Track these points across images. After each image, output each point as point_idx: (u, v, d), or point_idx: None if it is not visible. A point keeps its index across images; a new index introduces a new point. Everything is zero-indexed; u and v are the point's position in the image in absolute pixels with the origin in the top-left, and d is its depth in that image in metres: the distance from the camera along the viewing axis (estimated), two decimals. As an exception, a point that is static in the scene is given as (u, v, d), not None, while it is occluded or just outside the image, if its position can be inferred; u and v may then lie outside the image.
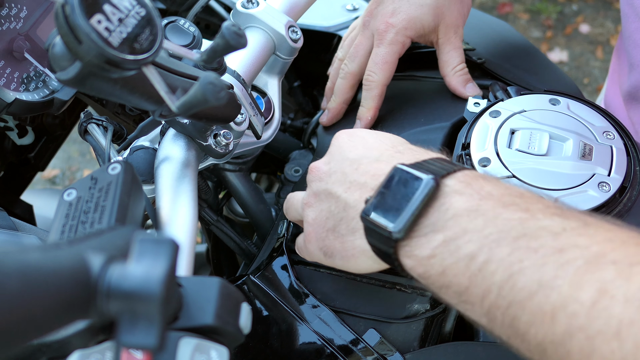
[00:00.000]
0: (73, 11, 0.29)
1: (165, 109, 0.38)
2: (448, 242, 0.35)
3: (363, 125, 0.62)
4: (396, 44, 0.59)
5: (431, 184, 0.36)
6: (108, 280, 0.25)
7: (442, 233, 0.35)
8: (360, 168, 0.42)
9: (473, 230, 0.34)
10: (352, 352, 0.49)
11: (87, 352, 0.29)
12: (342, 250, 0.42)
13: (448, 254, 0.34)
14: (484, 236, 0.33)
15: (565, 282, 0.30)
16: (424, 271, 0.36)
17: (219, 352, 0.30)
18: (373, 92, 0.60)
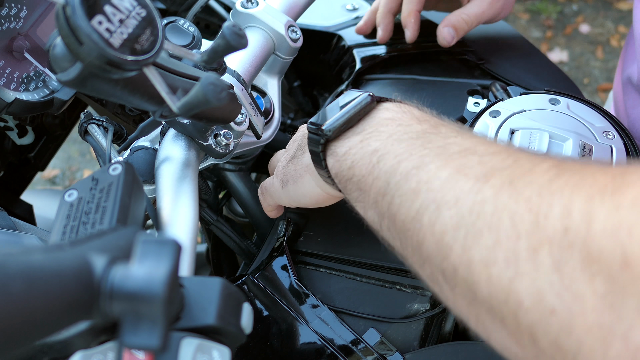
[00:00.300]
0: (74, 12, 0.29)
1: (166, 109, 0.38)
2: (362, 141, 0.39)
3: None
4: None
5: (365, 97, 0.41)
6: (111, 282, 0.25)
7: (360, 135, 0.40)
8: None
9: (384, 132, 0.39)
10: (352, 352, 0.49)
11: (89, 352, 0.29)
12: (293, 172, 0.48)
13: (359, 149, 0.39)
14: (389, 135, 0.38)
15: (434, 164, 0.34)
16: (338, 167, 0.41)
17: (221, 352, 0.30)
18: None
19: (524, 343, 0.27)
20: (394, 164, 0.36)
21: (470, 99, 0.58)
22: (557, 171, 0.29)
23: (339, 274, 0.53)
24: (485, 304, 0.29)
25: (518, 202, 0.28)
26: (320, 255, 0.55)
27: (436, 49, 0.69)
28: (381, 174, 0.37)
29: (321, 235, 0.55)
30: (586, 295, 0.24)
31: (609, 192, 0.25)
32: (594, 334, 0.24)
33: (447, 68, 0.68)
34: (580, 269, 0.25)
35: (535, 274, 0.26)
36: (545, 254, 0.26)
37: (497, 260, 0.28)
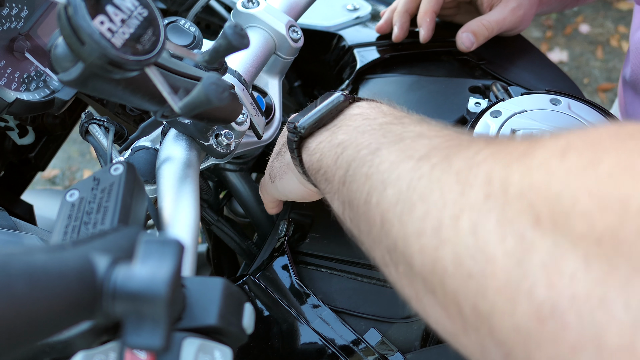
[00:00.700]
0: (76, 12, 0.29)
1: (167, 109, 0.38)
2: (330, 135, 0.41)
3: (425, 35, 0.68)
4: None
5: (339, 96, 0.43)
6: (114, 282, 0.25)
7: (330, 130, 0.42)
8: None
9: (351, 125, 0.41)
10: (354, 352, 0.49)
11: (90, 352, 0.29)
12: (279, 168, 0.49)
13: (327, 142, 0.41)
14: (354, 128, 0.40)
15: (387, 150, 0.35)
16: (309, 160, 0.43)
17: (223, 352, 0.30)
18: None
19: (451, 313, 0.28)
20: (354, 153, 0.38)
21: (471, 99, 0.58)
22: (486, 144, 0.30)
23: (340, 274, 0.53)
24: (420, 276, 0.29)
25: (449, 175, 0.29)
26: (321, 256, 0.55)
27: (437, 49, 0.69)
28: (343, 163, 0.38)
29: (327, 237, 0.55)
30: (497, 254, 0.25)
31: (523, 156, 0.26)
32: (503, 293, 0.24)
33: (448, 68, 0.68)
34: (494, 230, 0.25)
35: (455, 239, 0.27)
36: (466, 219, 0.27)
37: (426, 230, 0.29)
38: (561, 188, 0.23)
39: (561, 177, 0.24)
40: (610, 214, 0.21)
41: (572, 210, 0.23)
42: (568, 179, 0.23)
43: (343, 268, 0.53)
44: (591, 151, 0.24)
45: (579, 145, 0.25)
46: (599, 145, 0.24)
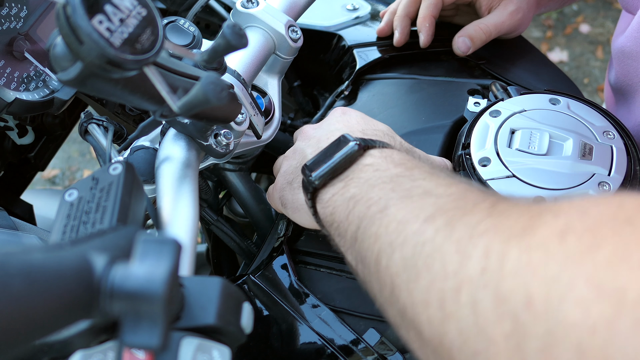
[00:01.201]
0: (74, 12, 0.29)
1: (166, 109, 0.38)
2: (343, 187, 0.41)
3: (425, 39, 0.68)
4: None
5: (352, 146, 0.42)
6: (111, 281, 0.25)
7: (343, 182, 0.42)
8: (330, 138, 0.46)
9: (362, 177, 0.40)
10: (353, 352, 0.49)
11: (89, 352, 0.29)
12: (292, 202, 0.49)
13: (339, 196, 0.41)
14: (365, 181, 0.40)
15: (396, 208, 0.35)
16: (323, 213, 0.42)
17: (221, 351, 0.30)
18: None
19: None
20: (364, 209, 0.38)
21: (471, 99, 0.58)
22: (489, 212, 0.30)
23: (339, 273, 0.53)
24: (430, 346, 0.29)
25: (450, 243, 0.29)
26: (320, 254, 0.55)
27: (437, 49, 0.69)
28: (355, 219, 0.38)
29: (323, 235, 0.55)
30: (496, 336, 0.25)
31: (523, 233, 0.26)
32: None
33: (448, 68, 0.68)
34: (492, 310, 0.25)
35: (458, 315, 0.27)
36: (465, 294, 0.27)
37: (432, 301, 0.28)
38: (558, 271, 0.23)
39: (559, 260, 0.24)
40: (606, 303, 0.21)
41: (567, 296, 0.22)
42: (566, 263, 0.23)
43: (342, 268, 0.53)
44: (590, 236, 0.24)
45: (578, 228, 0.24)
46: (598, 230, 0.24)
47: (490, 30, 0.66)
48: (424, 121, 0.60)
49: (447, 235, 0.30)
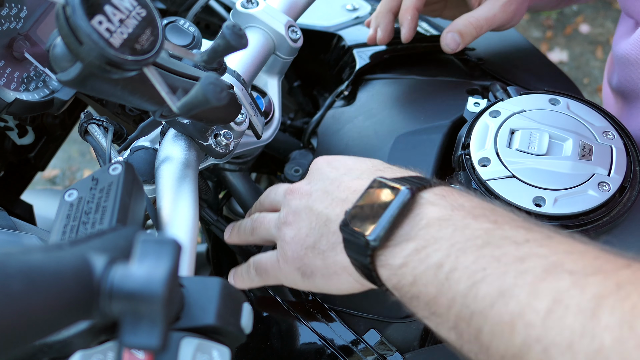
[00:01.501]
0: (74, 12, 0.29)
1: (166, 109, 0.38)
2: (419, 250, 0.35)
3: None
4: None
5: (407, 194, 0.37)
6: (111, 281, 0.25)
7: (414, 242, 0.35)
8: (342, 185, 0.42)
9: (442, 238, 0.34)
10: (353, 352, 0.49)
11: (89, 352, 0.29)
12: (324, 268, 0.42)
13: (418, 262, 0.35)
14: (451, 244, 0.34)
15: (523, 290, 0.30)
16: (397, 281, 0.36)
17: (221, 352, 0.30)
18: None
19: None
20: (469, 286, 0.32)
21: (470, 99, 0.58)
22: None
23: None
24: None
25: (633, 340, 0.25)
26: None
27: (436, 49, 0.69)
28: (457, 297, 0.32)
29: None
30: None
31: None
32: None
33: (447, 68, 0.68)
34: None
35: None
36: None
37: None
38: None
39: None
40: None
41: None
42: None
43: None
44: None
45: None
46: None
47: (481, 25, 0.60)
48: (423, 121, 0.60)
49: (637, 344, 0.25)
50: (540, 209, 0.47)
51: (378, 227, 0.36)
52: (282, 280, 0.46)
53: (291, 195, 0.46)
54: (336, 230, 0.40)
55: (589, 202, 0.47)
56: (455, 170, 0.54)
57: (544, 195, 0.48)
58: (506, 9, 0.60)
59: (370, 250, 0.36)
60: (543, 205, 0.47)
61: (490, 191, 0.49)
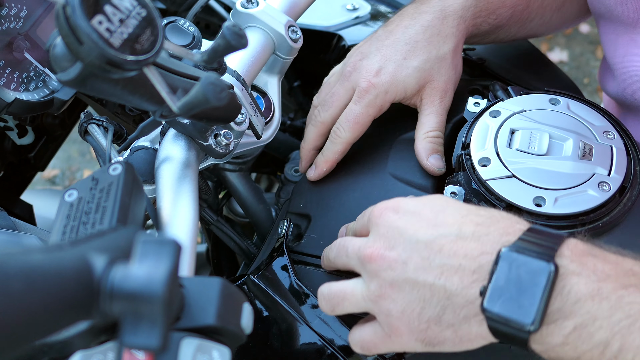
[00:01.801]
0: (74, 12, 0.29)
1: (166, 109, 0.38)
2: (579, 329, 0.35)
3: (316, 173, 0.58)
4: (373, 107, 0.56)
5: (551, 271, 0.35)
6: (111, 281, 0.25)
7: (571, 320, 0.35)
8: (444, 250, 0.39)
9: (602, 316, 0.35)
10: (353, 352, 0.49)
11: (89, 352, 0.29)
12: (455, 338, 0.40)
13: (581, 342, 0.35)
14: (614, 323, 0.34)
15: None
16: (556, 355, 0.36)
17: (221, 352, 0.30)
18: (337, 147, 0.57)
19: None
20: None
21: (470, 99, 0.58)
22: None
23: (339, 274, 0.53)
24: None
25: None
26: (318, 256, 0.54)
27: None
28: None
29: (323, 238, 0.55)
30: None
31: None
32: None
33: None
34: None
35: None
36: None
37: None
38: None
39: None
40: None
41: None
42: None
43: (342, 268, 0.53)
44: None
45: None
46: None
47: (441, 133, 0.56)
48: None
49: None
50: (541, 209, 0.47)
51: (531, 312, 0.35)
52: (399, 349, 0.43)
53: (375, 264, 0.42)
54: (464, 304, 0.38)
55: (589, 202, 0.47)
56: (455, 171, 0.54)
57: (544, 195, 0.48)
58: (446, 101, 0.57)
59: (526, 334, 0.36)
60: (543, 205, 0.47)
61: (490, 191, 0.49)
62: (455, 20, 0.57)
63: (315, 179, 0.59)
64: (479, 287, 0.37)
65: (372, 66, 0.56)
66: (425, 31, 0.56)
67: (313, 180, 0.59)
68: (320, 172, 0.59)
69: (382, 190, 0.56)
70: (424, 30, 0.56)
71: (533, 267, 0.36)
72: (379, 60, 0.56)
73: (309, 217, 0.57)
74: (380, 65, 0.56)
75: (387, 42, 0.57)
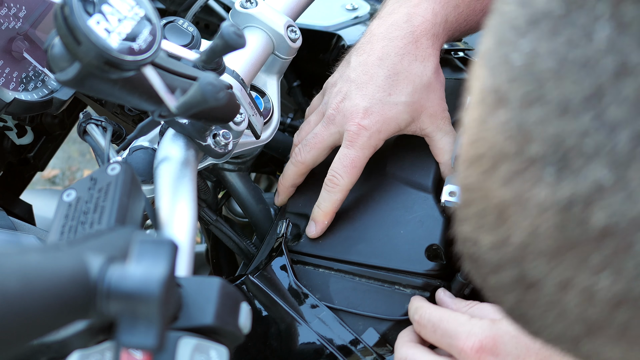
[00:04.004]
0: (72, 12, 0.29)
1: (164, 109, 0.38)
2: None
3: (318, 229, 0.55)
4: (368, 148, 0.54)
5: None
6: (108, 281, 0.25)
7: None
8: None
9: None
10: (352, 352, 0.49)
11: (86, 352, 0.29)
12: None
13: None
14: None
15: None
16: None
17: (219, 352, 0.30)
18: (335, 197, 0.54)
19: None
20: None
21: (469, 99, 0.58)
22: None
23: (338, 273, 0.53)
24: None
25: None
26: (319, 256, 0.54)
27: None
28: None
29: (322, 237, 0.55)
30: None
31: None
32: None
33: (447, 67, 0.68)
34: None
35: None
36: None
37: None
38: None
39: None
40: None
41: None
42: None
43: (341, 267, 0.53)
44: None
45: None
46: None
47: (447, 158, 0.55)
48: None
49: None
50: (539, 209, 0.47)
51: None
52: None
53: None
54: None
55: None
56: (455, 170, 0.54)
57: None
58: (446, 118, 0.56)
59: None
60: (542, 205, 0.47)
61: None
62: (429, 40, 0.54)
63: (317, 236, 0.56)
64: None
65: (357, 108, 0.53)
66: (402, 59, 0.53)
67: (315, 238, 0.56)
68: (323, 227, 0.56)
69: (381, 190, 0.56)
70: (400, 58, 0.53)
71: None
72: (362, 100, 0.53)
73: (308, 217, 0.57)
74: (366, 106, 0.53)
75: (364, 77, 0.54)
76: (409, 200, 0.54)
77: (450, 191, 0.51)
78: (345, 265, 0.53)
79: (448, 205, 0.51)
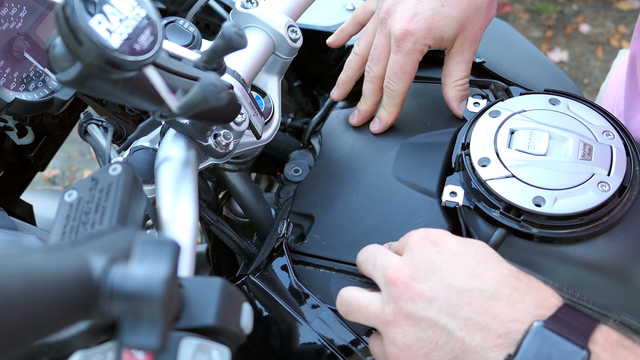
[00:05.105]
0: (73, 12, 0.29)
1: (165, 109, 0.38)
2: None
3: (381, 126, 0.61)
4: (414, 53, 0.56)
5: (583, 356, 0.35)
6: (110, 282, 0.25)
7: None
8: (474, 303, 0.38)
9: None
10: (352, 352, 0.49)
11: (88, 352, 0.29)
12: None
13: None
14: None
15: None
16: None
17: (220, 352, 0.30)
18: (395, 100, 0.59)
19: None
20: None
21: (470, 99, 0.58)
22: None
23: (339, 273, 0.53)
24: None
25: None
26: (320, 256, 0.54)
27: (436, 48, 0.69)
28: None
29: (326, 239, 0.55)
30: None
31: None
32: None
33: None
34: None
35: None
36: None
37: None
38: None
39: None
40: None
41: None
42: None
43: (342, 267, 0.53)
44: None
45: None
46: None
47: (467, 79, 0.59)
48: (429, 126, 0.60)
49: None
50: (540, 209, 0.47)
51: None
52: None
53: (397, 290, 0.40)
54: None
55: (589, 202, 0.47)
56: (455, 170, 0.54)
57: (544, 195, 0.48)
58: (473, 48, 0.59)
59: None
60: (543, 205, 0.47)
61: (489, 191, 0.49)
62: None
63: (379, 132, 0.62)
64: (503, 353, 0.36)
65: (407, 12, 0.55)
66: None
67: (377, 132, 0.62)
68: (385, 126, 0.61)
69: (387, 193, 0.56)
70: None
71: (566, 349, 0.35)
72: (414, 5, 0.55)
73: (312, 217, 0.57)
74: (415, 11, 0.55)
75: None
76: (414, 205, 0.54)
77: (451, 191, 0.51)
78: (347, 266, 0.53)
79: (449, 205, 0.51)
